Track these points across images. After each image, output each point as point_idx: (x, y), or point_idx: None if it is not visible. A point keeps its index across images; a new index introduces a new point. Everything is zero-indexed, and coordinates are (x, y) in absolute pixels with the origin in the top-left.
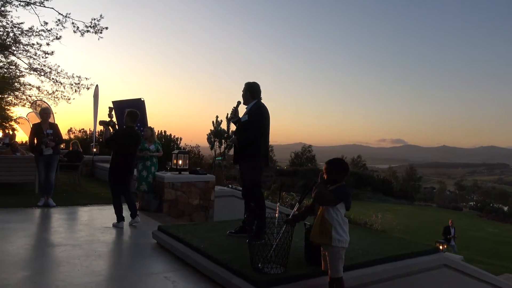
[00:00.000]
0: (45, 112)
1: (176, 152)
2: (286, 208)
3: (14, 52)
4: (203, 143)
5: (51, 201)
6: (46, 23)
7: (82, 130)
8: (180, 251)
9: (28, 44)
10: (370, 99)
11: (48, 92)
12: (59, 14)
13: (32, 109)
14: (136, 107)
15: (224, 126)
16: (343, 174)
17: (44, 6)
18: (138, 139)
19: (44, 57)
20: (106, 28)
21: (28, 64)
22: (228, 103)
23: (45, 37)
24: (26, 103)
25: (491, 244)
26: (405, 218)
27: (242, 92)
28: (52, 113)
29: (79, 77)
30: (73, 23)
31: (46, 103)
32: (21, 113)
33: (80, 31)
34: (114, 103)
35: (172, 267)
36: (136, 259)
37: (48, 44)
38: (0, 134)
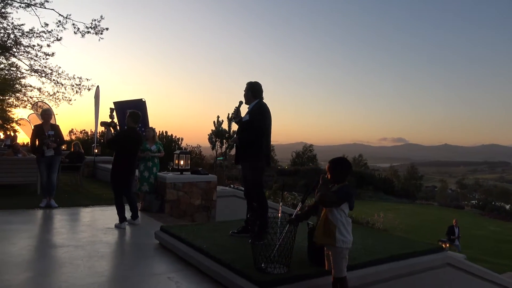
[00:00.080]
0: (46, 113)
1: (177, 152)
2: (288, 208)
3: (15, 53)
4: (205, 143)
5: (53, 202)
6: (47, 25)
7: (84, 131)
8: (182, 251)
9: (29, 45)
10: (371, 98)
11: (49, 93)
12: (60, 15)
13: (33, 110)
14: (137, 108)
15: (225, 126)
16: (346, 173)
17: (45, 8)
18: (140, 139)
19: (45, 58)
20: (107, 29)
21: (29, 65)
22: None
23: (45, 38)
24: (27, 104)
25: (493, 243)
26: (406, 217)
27: (244, 92)
28: (54, 114)
29: (80, 78)
30: (73, 24)
31: (47, 104)
32: (22, 114)
33: (81, 32)
34: (115, 104)
35: (175, 268)
36: (139, 260)
37: (49, 45)
38: (2, 136)
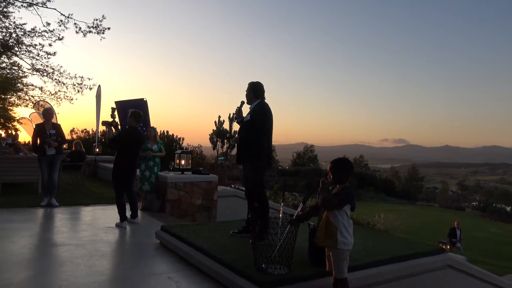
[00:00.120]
0: (48, 112)
1: (178, 152)
2: (289, 209)
3: (17, 52)
4: (206, 143)
5: (54, 201)
6: (49, 24)
7: (85, 130)
8: (183, 251)
9: (31, 44)
10: (372, 99)
11: (50, 92)
12: (62, 14)
13: (35, 109)
14: (139, 107)
15: (226, 126)
16: (348, 174)
17: (47, 7)
18: (141, 139)
19: (46, 57)
20: (108, 28)
21: (30, 64)
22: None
23: (47, 37)
24: (29, 103)
25: (494, 245)
26: (407, 218)
27: (245, 92)
28: (55, 113)
29: (82, 77)
30: (75, 24)
31: (49, 103)
32: (24, 113)
33: (83, 32)
34: (116, 103)
35: (176, 267)
36: (139, 259)
37: (51, 44)
38: (3, 135)
